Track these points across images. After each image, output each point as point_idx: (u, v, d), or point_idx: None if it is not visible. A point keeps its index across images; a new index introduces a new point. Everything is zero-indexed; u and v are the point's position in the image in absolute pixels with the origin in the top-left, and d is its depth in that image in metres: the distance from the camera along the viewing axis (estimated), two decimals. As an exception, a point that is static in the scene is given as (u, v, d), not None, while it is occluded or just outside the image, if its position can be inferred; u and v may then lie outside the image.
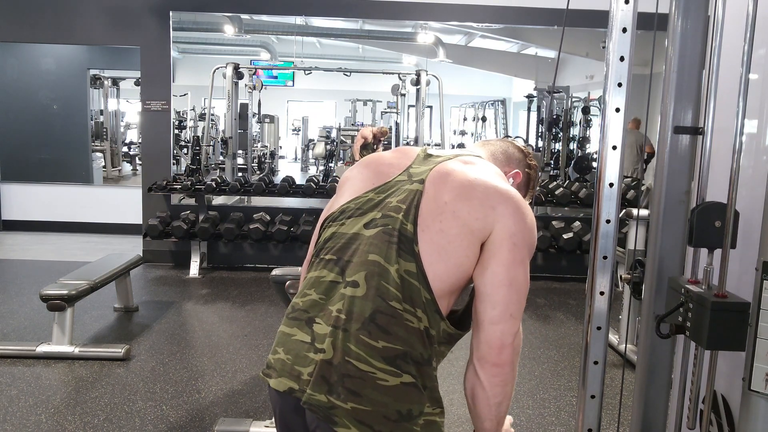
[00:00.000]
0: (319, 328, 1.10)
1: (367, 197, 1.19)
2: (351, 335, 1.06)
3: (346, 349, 1.05)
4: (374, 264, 1.09)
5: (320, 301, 1.13)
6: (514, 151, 1.44)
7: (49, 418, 2.78)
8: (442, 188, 1.15)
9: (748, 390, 1.40)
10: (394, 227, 1.11)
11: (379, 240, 1.11)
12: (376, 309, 1.07)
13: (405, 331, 1.07)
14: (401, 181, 1.19)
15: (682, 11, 1.49)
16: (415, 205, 1.13)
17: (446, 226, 1.11)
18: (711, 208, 1.47)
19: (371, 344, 1.05)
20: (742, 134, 1.44)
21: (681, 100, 1.52)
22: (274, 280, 2.69)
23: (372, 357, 1.05)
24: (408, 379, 1.06)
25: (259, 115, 9.50)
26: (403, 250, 1.09)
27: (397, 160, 1.26)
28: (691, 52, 1.50)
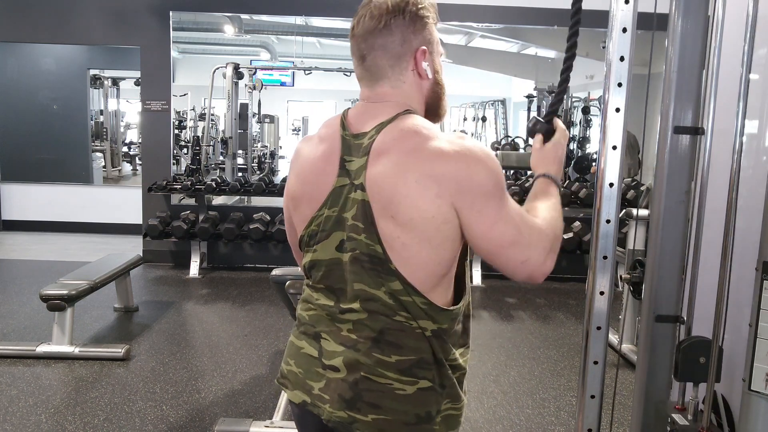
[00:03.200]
0: (326, 345, 1.11)
1: (324, 215, 1.09)
2: (363, 353, 1.07)
3: (359, 366, 1.07)
4: (362, 292, 1.07)
5: (326, 318, 1.12)
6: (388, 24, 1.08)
7: (49, 418, 2.78)
8: (383, 194, 1.02)
9: (748, 390, 1.40)
10: (362, 251, 1.05)
11: (356, 267, 1.06)
12: (383, 328, 1.06)
13: (415, 341, 1.07)
14: (344, 186, 1.07)
15: (682, 11, 1.49)
16: (370, 221, 1.03)
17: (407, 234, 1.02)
18: (696, 345, 1.51)
19: (384, 360, 1.06)
20: (743, 134, 1.44)
21: (681, 100, 1.52)
22: (274, 280, 2.69)
23: (387, 370, 1.06)
24: (425, 384, 1.07)
25: (259, 115, 9.50)
26: (380, 272, 1.04)
27: (328, 150, 1.11)
28: (691, 52, 1.50)
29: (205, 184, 5.51)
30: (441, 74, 1.16)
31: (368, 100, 1.13)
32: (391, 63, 1.10)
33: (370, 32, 1.09)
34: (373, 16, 1.09)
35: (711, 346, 1.48)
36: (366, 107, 1.12)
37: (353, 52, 1.13)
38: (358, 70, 1.13)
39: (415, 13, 1.10)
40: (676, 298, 1.60)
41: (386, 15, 1.08)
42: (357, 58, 1.13)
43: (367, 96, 1.13)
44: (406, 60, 1.10)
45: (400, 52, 1.10)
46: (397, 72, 1.11)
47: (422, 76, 1.12)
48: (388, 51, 1.09)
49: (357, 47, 1.12)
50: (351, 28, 1.12)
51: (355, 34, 1.11)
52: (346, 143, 1.09)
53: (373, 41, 1.10)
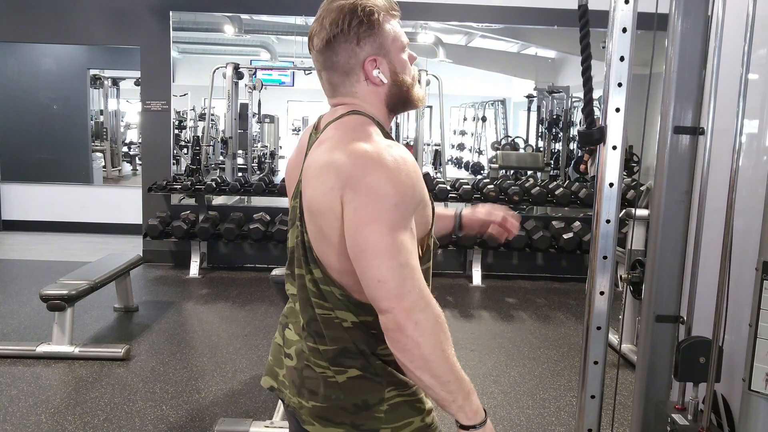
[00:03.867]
0: (289, 334, 1.20)
1: (292, 206, 1.16)
2: (303, 342, 1.14)
3: (303, 355, 1.14)
4: (299, 276, 1.13)
5: (294, 309, 1.19)
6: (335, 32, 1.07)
7: (49, 418, 2.78)
8: (306, 186, 1.08)
9: (748, 390, 1.40)
10: (300, 238, 1.11)
11: (298, 252, 1.12)
12: (309, 318, 1.12)
13: (338, 331, 1.09)
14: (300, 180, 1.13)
15: (682, 11, 1.49)
16: (302, 211, 1.09)
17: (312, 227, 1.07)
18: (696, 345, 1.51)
19: (317, 348, 1.11)
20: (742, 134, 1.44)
21: (681, 100, 1.52)
22: (274, 280, 2.69)
23: (320, 359, 1.11)
24: (354, 372, 1.08)
25: (259, 115, 9.50)
26: (308, 258, 1.10)
27: (302, 147, 1.19)
28: (691, 52, 1.50)
29: (205, 184, 5.51)
30: (404, 71, 1.13)
31: (331, 105, 1.17)
32: (341, 79, 1.11)
33: (320, 52, 1.10)
34: (320, 35, 1.08)
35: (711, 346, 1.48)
36: (330, 111, 1.17)
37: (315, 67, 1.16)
38: (321, 83, 1.17)
39: (358, 23, 1.06)
40: (676, 298, 1.60)
41: (328, 33, 1.06)
42: (317, 71, 1.15)
43: (330, 104, 1.18)
44: (356, 74, 1.10)
45: (347, 69, 1.09)
46: (348, 86, 1.11)
47: (376, 83, 1.11)
48: (336, 69, 1.10)
49: (315, 63, 1.14)
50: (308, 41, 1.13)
51: (311, 49, 1.13)
52: (311, 140, 1.16)
53: (322, 61, 1.11)
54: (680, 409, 1.56)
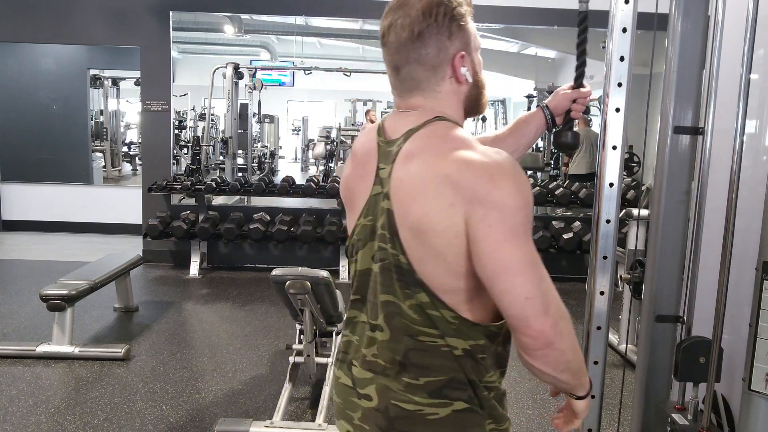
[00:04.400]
0: (357, 372, 1.08)
1: (361, 224, 1.06)
2: (392, 379, 1.02)
3: (389, 393, 1.02)
4: (388, 304, 1.01)
5: (356, 343, 1.10)
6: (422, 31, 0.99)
7: (49, 418, 2.78)
8: (403, 202, 0.98)
9: (748, 390, 1.40)
10: (390, 261, 1.00)
11: (384, 277, 1.01)
12: (406, 349, 1.01)
13: (443, 359, 1.00)
14: (378, 195, 1.03)
15: (682, 11, 1.49)
16: (394, 231, 0.98)
17: (422, 247, 0.96)
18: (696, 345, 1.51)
19: (413, 383, 1.00)
20: (743, 134, 1.44)
21: (681, 100, 1.52)
22: (274, 280, 2.68)
23: (415, 395, 1.00)
24: (460, 405, 1.00)
25: (259, 115, 9.50)
26: (406, 283, 0.98)
27: (367, 158, 1.07)
28: (691, 52, 1.50)
29: (205, 184, 5.51)
30: (480, 71, 1.10)
31: (400, 108, 1.07)
32: (427, 75, 1.03)
33: (403, 44, 1.01)
34: (405, 26, 0.99)
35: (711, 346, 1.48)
36: (399, 116, 1.06)
37: (386, 60, 1.05)
38: (392, 79, 1.07)
39: (450, 16, 1.00)
40: (676, 298, 1.60)
41: (419, 24, 0.99)
42: (391, 68, 1.05)
43: (398, 105, 1.08)
44: (443, 69, 1.03)
45: (437, 63, 1.02)
46: (433, 83, 1.03)
47: (461, 81, 1.04)
48: (423, 63, 1.01)
49: (390, 58, 1.04)
50: (381, 35, 1.03)
51: (387, 42, 1.03)
52: (381, 150, 1.04)
53: (407, 54, 1.01)
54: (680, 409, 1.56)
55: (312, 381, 3.15)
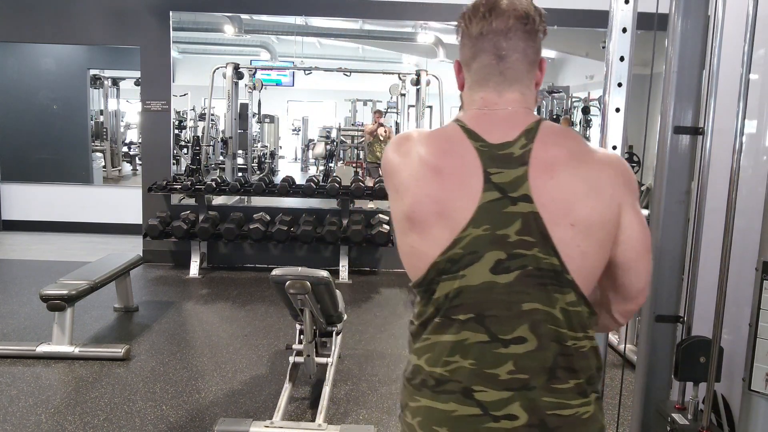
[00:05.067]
0: (486, 396, 0.98)
1: (471, 235, 0.97)
2: (540, 389, 0.98)
3: (542, 404, 0.98)
4: (534, 312, 0.98)
5: (472, 368, 0.99)
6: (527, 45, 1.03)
7: (49, 418, 2.78)
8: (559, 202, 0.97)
9: (748, 390, 1.40)
10: (535, 267, 0.97)
11: (524, 285, 0.97)
12: (556, 354, 0.99)
13: (585, 359, 1.02)
14: (496, 201, 0.97)
15: (682, 11, 1.49)
16: (542, 233, 0.96)
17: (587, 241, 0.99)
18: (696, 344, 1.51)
19: (564, 388, 0.99)
20: (742, 134, 1.44)
21: (681, 100, 1.52)
22: (274, 280, 2.68)
23: (569, 399, 0.99)
24: (593, 396, 1.03)
25: (259, 115, 9.50)
26: (556, 285, 0.98)
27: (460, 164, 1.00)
28: (691, 52, 1.50)
29: (205, 184, 5.51)
30: None
31: (495, 106, 1.03)
32: (527, 69, 1.04)
33: (515, 32, 1.00)
34: (519, 17, 1.00)
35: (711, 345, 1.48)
36: (494, 115, 1.03)
37: (485, 49, 1.02)
38: (489, 69, 1.03)
39: (543, 24, 1.05)
40: (676, 298, 1.60)
41: (530, 21, 1.01)
42: (492, 56, 1.02)
43: (494, 102, 1.03)
44: (535, 68, 1.05)
45: (534, 60, 1.04)
46: (528, 80, 1.05)
47: (538, 85, 1.08)
48: (527, 57, 1.03)
49: (495, 44, 1.01)
50: (482, 19, 1.02)
51: (494, 29, 1.01)
52: (486, 154, 0.99)
53: (516, 43, 1.01)
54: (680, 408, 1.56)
55: (312, 381, 3.15)
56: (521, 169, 0.97)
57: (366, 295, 4.96)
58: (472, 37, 1.04)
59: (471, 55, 1.05)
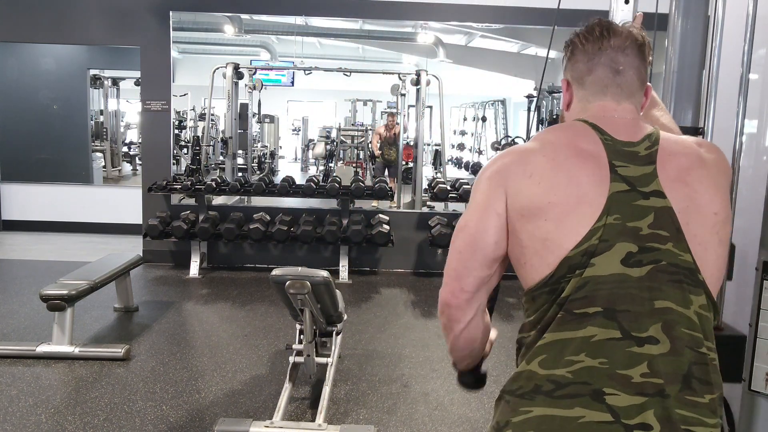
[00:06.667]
0: (618, 401, 0.89)
1: (605, 224, 0.95)
2: (674, 399, 0.90)
3: (677, 417, 0.89)
4: (666, 311, 0.93)
5: (602, 367, 0.91)
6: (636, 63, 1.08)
7: (49, 418, 2.78)
8: (691, 200, 0.98)
9: (748, 390, 1.40)
10: (669, 262, 0.94)
11: (657, 281, 0.93)
12: (690, 362, 0.92)
13: (716, 374, 0.96)
14: (625, 193, 0.96)
15: (682, 11, 1.49)
16: (676, 228, 0.95)
17: (723, 232, 1.00)
18: None
19: (699, 402, 0.91)
20: (742, 134, 1.44)
21: (681, 100, 1.52)
22: (274, 280, 2.68)
23: (704, 416, 0.91)
24: (719, 421, 0.95)
25: (259, 115, 9.51)
26: (691, 285, 0.95)
27: (586, 155, 1.00)
28: (691, 52, 1.50)
29: (205, 184, 5.51)
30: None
31: (614, 113, 1.06)
32: (639, 86, 1.08)
33: (631, 49, 1.06)
34: (634, 38, 1.06)
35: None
36: (615, 120, 1.05)
37: (603, 62, 1.06)
38: (607, 82, 1.06)
39: (651, 52, 1.11)
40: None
41: (645, 43, 1.08)
42: (610, 70, 1.06)
43: (613, 108, 1.06)
44: (644, 88, 1.10)
45: (644, 80, 1.09)
46: (639, 96, 1.09)
47: (642, 108, 1.11)
48: (639, 74, 1.07)
49: (612, 59, 1.05)
50: (599, 37, 1.06)
51: (612, 45, 1.06)
52: (612, 148, 1.00)
53: (632, 59, 1.06)
54: None
55: (312, 381, 3.15)
56: (649, 167, 0.99)
57: (366, 295, 4.96)
58: (588, 53, 1.07)
59: (587, 70, 1.08)
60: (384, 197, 5.71)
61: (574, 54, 1.09)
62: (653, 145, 1.01)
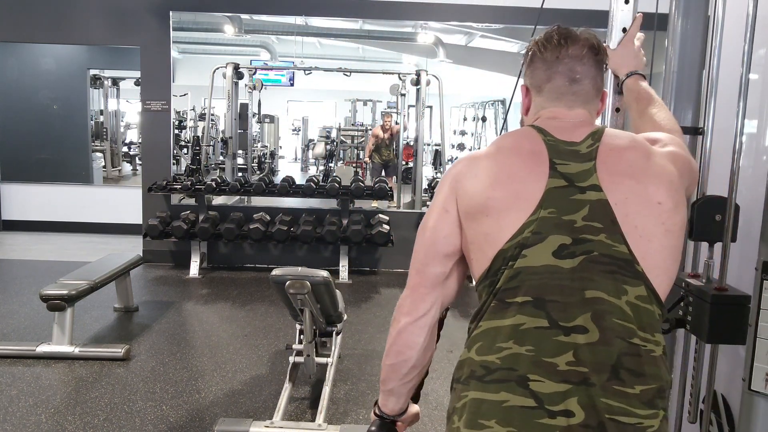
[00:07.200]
0: (542, 387, 0.92)
1: (539, 217, 0.98)
2: (599, 388, 0.92)
3: (601, 405, 0.91)
4: (597, 302, 0.94)
5: (528, 354, 0.94)
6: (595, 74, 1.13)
7: (49, 418, 2.78)
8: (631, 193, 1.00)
9: (748, 390, 1.40)
10: (601, 252, 0.96)
11: (588, 272, 0.95)
12: (620, 353, 0.93)
13: (653, 365, 0.95)
14: (562, 188, 1.00)
15: (682, 11, 1.49)
16: (611, 219, 0.97)
17: (670, 222, 0.99)
18: (711, 202, 1.48)
19: (628, 392, 0.92)
20: (742, 134, 1.44)
21: (681, 100, 1.52)
22: (274, 280, 2.69)
23: (634, 406, 0.92)
24: (662, 413, 0.95)
25: (259, 115, 9.51)
26: (626, 276, 0.96)
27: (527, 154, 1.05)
28: (691, 52, 1.50)
29: (205, 184, 5.51)
30: None
31: (564, 117, 1.10)
32: (595, 94, 1.13)
33: (588, 58, 1.10)
34: (592, 47, 1.10)
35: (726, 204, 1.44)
36: (562, 122, 1.09)
37: (561, 71, 1.09)
38: (563, 90, 1.10)
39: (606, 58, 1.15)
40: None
41: (600, 51, 1.11)
42: (566, 78, 1.10)
43: (564, 114, 1.10)
44: (599, 96, 1.15)
45: (600, 89, 1.14)
46: (594, 104, 1.14)
47: (598, 115, 1.17)
48: (595, 83, 1.12)
49: (570, 68, 1.09)
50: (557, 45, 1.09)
51: (569, 54, 1.09)
52: (554, 148, 1.04)
53: (589, 69, 1.10)
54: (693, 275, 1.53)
55: (312, 381, 3.15)
56: (588, 163, 1.02)
57: (366, 295, 4.96)
58: (546, 61, 1.11)
59: (545, 78, 1.11)
60: (384, 197, 5.71)
61: (533, 62, 1.13)
62: (595, 143, 1.04)
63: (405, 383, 1.13)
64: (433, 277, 1.07)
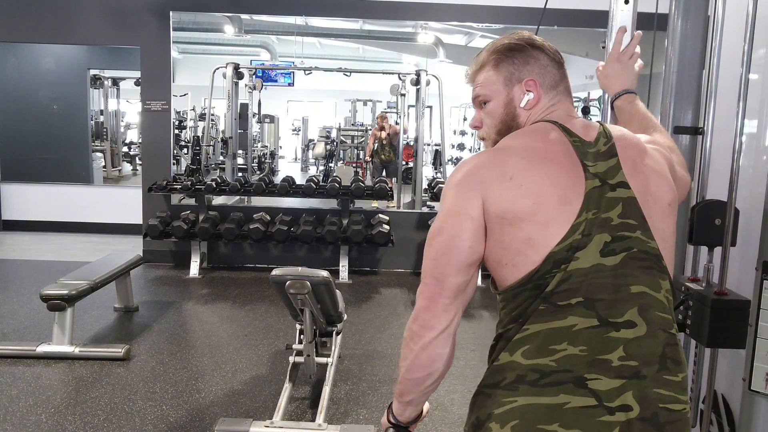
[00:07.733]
0: (600, 385, 0.93)
1: (585, 219, 0.98)
2: (651, 380, 0.95)
3: (654, 396, 0.94)
4: (642, 296, 0.97)
5: (582, 354, 0.94)
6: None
7: (49, 418, 2.78)
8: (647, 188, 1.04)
9: (748, 390, 1.40)
10: (639, 249, 0.99)
11: (630, 268, 0.98)
12: (664, 344, 0.97)
13: (683, 353, 1.02)
14: (597, 188, 1.00)
15: (682, 11, 1.49)
16: (642, 216, 1.00)
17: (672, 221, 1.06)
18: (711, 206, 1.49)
19: (674, 381, 0.96)
20: (742, 134, 1.44)
21: (681, 100, 1.52)
22: (274, 280, 2.68)
23: (679, 393, 0.96)
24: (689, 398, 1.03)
25: (259, 115, 9.50)
26: (659, 270, 1.00)
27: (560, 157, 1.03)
28: (691, 52, 1.50)
29: (205, 184, 5.51)
30: None
31: (572, 114, 1.12)
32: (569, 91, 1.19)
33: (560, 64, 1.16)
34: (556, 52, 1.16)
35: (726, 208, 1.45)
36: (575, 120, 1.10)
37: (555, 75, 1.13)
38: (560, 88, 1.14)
39: None
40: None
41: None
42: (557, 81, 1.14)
43: (568, 110, 1.13)
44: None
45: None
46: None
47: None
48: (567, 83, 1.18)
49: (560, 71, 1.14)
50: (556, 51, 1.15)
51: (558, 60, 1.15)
52: (580, 149, 1.04)
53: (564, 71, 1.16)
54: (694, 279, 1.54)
55: (312, 381, 3.15)
56: (613, 159, 1.04)
57: (366, 295, 4.96)
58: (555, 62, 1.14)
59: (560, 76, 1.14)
60: (384, 197, 5.71)
61: (539, 60, 1.12)
62: (609, 140, 1.07)
63: (426, 393, 1.11)
64: (455, 287, 1.04)
